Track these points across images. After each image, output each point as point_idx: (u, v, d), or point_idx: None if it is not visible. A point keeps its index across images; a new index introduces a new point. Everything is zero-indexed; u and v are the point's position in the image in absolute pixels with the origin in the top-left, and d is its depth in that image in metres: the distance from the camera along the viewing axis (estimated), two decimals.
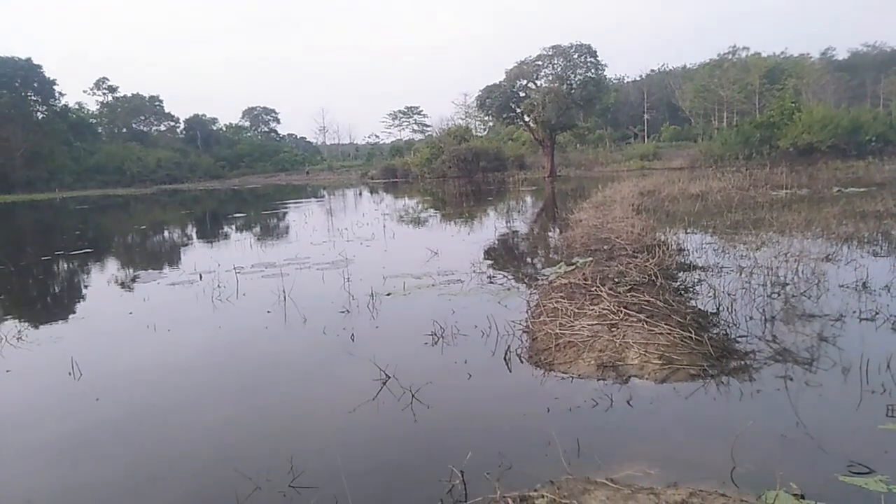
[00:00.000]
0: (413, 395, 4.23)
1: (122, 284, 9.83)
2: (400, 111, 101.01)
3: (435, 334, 5.63)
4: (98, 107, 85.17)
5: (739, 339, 4.97)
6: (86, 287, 9.89)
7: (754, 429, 3.39)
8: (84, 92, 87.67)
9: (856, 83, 69.26)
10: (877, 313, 5.50)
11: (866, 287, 6.39)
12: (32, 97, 68.92)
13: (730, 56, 72.53)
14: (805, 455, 3.20)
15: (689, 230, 11.50)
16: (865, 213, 11.93)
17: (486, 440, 3.62)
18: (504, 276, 8.47)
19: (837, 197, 15.77)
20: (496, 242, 12.43)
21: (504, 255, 11.02)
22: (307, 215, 21.90)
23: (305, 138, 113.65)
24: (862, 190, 17.28)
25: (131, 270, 11.43)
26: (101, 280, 10.37)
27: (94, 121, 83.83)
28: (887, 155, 34.20)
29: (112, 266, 12.45)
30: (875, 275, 6.82)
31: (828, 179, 21.97)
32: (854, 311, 5.59)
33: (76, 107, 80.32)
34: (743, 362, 4.47)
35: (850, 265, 7.49)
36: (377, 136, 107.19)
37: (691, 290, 6.76)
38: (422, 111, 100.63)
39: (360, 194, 37.21)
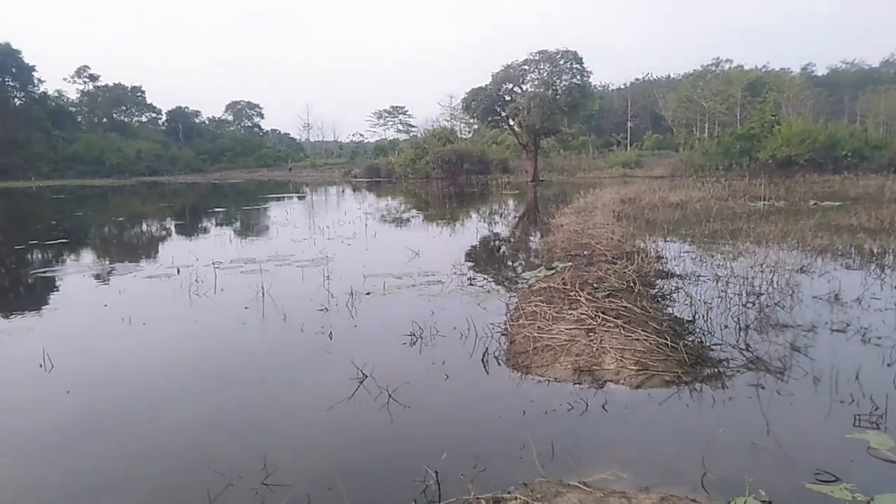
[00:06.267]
0: (390, 395, 4.22)
1: (98, 276, 9.67)
2: (385, 110, 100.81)
3: (414, 335, 5.62)
4: (78, 95, 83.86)
5: (714, 347, 5.04)
6: (60, 278, 9.71)
7: (726, 436, 3.44)
8: (64, 80, 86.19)
9: (834, 99, 70.68)
10: (848, 325, 5.61)
11: (838, 299, 6.52)
12: (10, 83, 67.59)
13: (713, 68, 73.67)
14: (774, 462, 3.26)
15: (668, 238, 11.63)
16: (840, 227, 12.17)
17: (462, 441, 3.63)
18: (484, 279, 8.49)
19: (813, 210, 16.06)
20: (477, 245, 12.46)
21: (485, 257, 11.05)
22: (288, 212, 21.75)
23: (289, 134, 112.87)
24: (837, 204, 17.61)
25: (107, 262, 11.26)
26: (76, 271, 10.19)
27: (74, 109, 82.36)
28: (862, 171, 34.84)
29: (87, 257, 12.25)
30: (847, 287, 6.96)
31: (805, 192, 22.35)
32: (826, 323, 5.69)
33: (56, 94, 78.97)
34: (716, 370, 4.53)
35: (824, 277, 7.64)
36: (361, 135, 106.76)
37: (668, 297, 6.84)
38: (407, 111, 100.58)
39: (343, 192, 37.05)
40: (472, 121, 61.25)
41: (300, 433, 3.87)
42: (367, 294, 7.47)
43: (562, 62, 39.47)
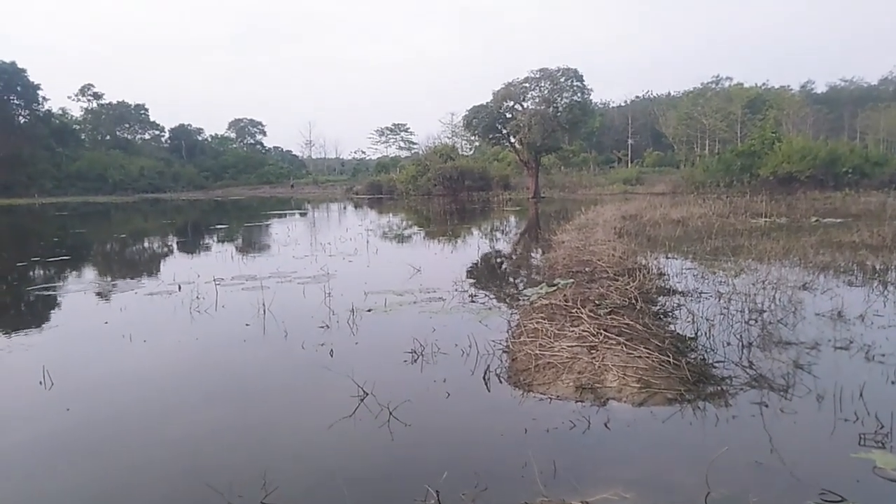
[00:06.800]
0: (391, 413, 4.19)
1: (99, 293, 9.68)
2: (387, 128, 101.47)
3: (415, 352, 5.60)
4: (82, 113, 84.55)
5: (717, 365, 5.01)
6: (61, 295, 9.72)
7: (729, 454, 3.41)
8: (68, 98, 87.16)
9: (834, 116, 71.09)
10: (851, 342, 5.58)
11: (841, 316, 6.49)
12: (15, 101, 68.20)
13: (713, 85, 74.23)
14: (778, 482, 3.22)
15: (669, 255, 11.61)
16: (842, 244, 12.15)
17: (463, 460, 3.60)
18: (486, 296, 8.48)
19: (815, 226, 16.04)
20: (479, 261, 12.46)
21: (486, 274, 11.05)
22: (290, 229, 21.79)
23: (291, 151, 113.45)
24: (839, 220, 17.61)
25: (109, 279, 11.26)
26: (78, 288, 10.21)
27: (78, 127, 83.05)
28: (863, 187, 34.83)
29: (89, 274, 12.26)
30: (850, 304, 6.93)
31: (806, 209, 22.35)
32: (829, 340, 5.66)
33: (59, 112, 79.62)
34: (719, 388, 4.50)
35: (826, 294, 7.61)
36: (363, 152, 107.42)
37: (670, 314, 6.82)
38: (409, 128, 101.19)
39: (345, 209, 37.14)
40: (473, 138, 61.56)
41: (300, 451, 3.84)
42: (369, 311, 7.45)
43: (562, 80, 39.68)
